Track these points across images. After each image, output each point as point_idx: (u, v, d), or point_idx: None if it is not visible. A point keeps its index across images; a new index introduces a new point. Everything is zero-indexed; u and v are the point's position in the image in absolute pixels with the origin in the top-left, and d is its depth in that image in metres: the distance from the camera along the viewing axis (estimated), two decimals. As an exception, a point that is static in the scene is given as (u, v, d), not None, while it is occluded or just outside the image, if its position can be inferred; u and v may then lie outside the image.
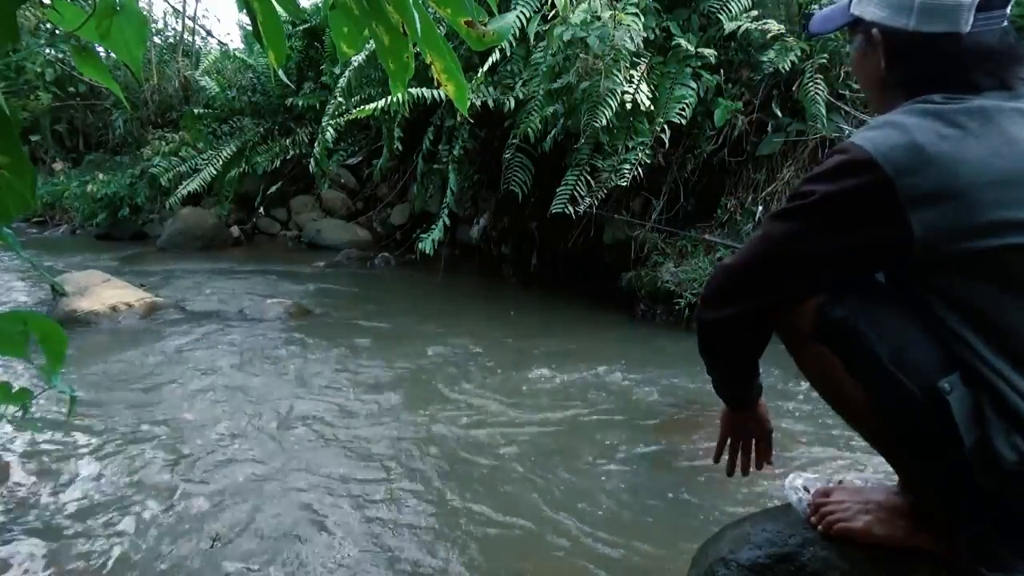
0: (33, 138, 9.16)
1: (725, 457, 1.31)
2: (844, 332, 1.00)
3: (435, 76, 0.95)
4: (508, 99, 4.33)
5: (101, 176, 7.54)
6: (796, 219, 1.00)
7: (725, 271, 1.08)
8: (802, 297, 1.03)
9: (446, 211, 4.87)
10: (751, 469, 1.30)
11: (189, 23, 9.95)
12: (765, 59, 3.99)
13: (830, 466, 2.25)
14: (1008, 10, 0.99)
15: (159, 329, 3.95)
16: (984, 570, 0.99)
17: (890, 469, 1.15)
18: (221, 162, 7.05)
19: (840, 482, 1.29)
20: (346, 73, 5.27)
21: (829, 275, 1.01)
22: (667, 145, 4.12)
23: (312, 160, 5.94)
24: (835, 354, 1.03)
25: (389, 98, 4.46)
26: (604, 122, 3.83)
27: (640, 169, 4.00)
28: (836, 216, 0.96)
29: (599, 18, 3.83)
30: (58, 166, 9.20)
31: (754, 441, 1.28)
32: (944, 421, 0.92)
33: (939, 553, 1.08)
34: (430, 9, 0.91)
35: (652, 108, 3.95)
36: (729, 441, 1.29)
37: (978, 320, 0.93)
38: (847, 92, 4.03)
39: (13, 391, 1.09)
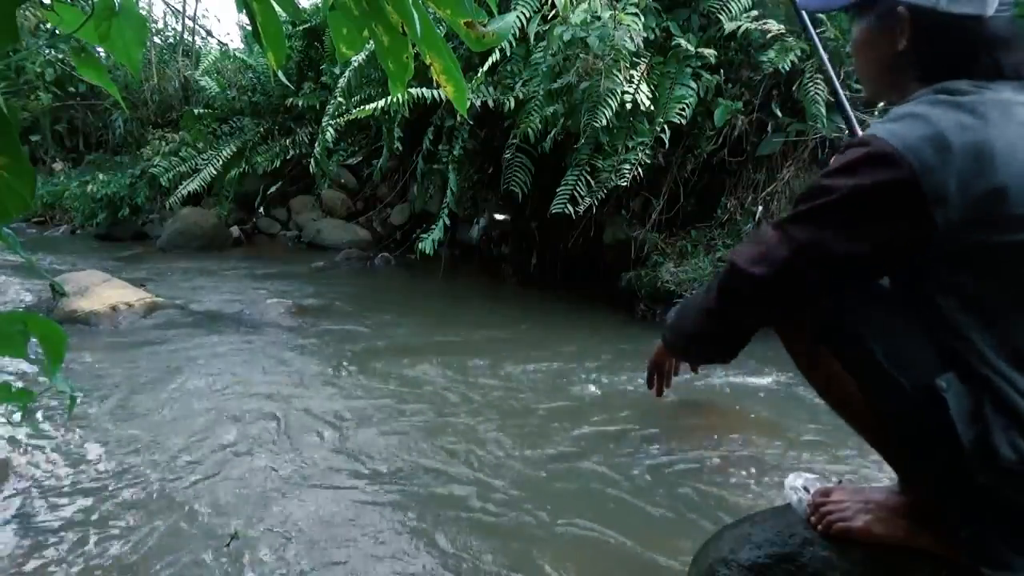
0: (33, 138, 9.15)
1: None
2: (840, 331, 1.01)
3: (434, 77, 0.95)
4: (508, 99, 4.33)
5: (101, 176, 7.53)
6: (821, 220, 0.95)
7: (749, 282, 1.00)
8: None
9: (446, 211, 4.87)
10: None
11: (189, 23, 9.96)
12: (765, 59, 3.99)
13: (830, 466, 2.25)
14: None
15: (159, 329, 3.95)
16: (985, 568, 0.99)
17: (890, 469, 1.15)
18: (221, 162, 7.05)
19: (840, 482, 1.29)
20: (346, 73, 5.27)
21: (859, 276, 0.99)
22: (667, 145, 4.12)
23: (312, 160, 5.94)
24: (832, 353, 1.04)
25: (389, 98, 4.46)
26: (604, 122, 3.83)
27: (640, 169, 4.00)
28: (862, 212, 0.93)
29: (599, 18, 3.83)
30: (58, 166, 9.20)
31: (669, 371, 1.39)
32: (941, 419, 0.92)
33: (939, 552, 1.08)
34: (430, 10, 0.91)
35: (652, 108, 3.95)
36: (655, 369, 1.39)
37: (984, 317, 0.93)
38: (847, 92, 4.03)
39: (13, 391, 1.09)
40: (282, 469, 2.24)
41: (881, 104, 3.19)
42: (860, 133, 1.29)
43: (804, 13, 1.37)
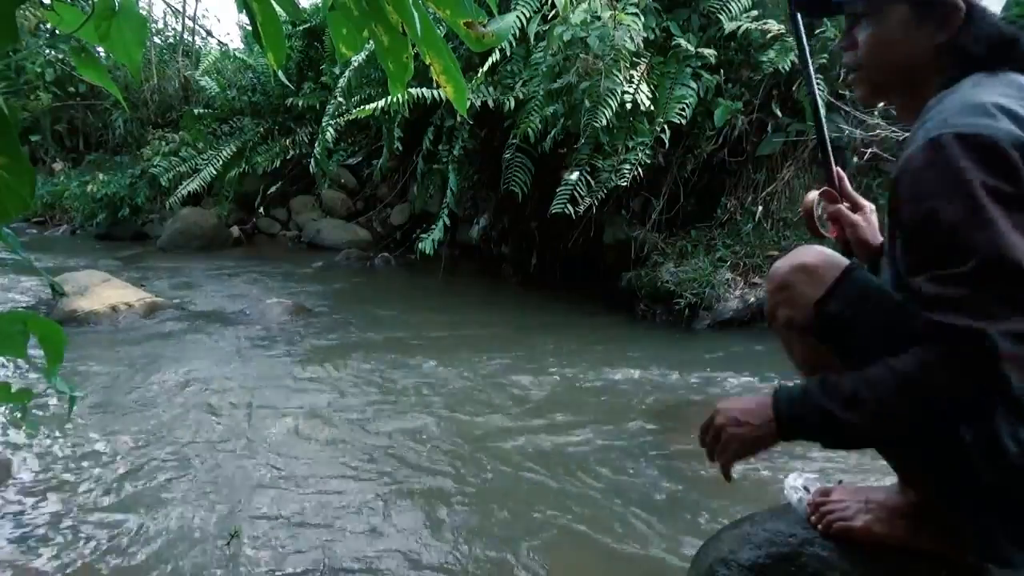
0: (33, 138, 9.16)
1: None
2: (839, 328, 1.00)
3: (434, 77, 0.95)
4: (508, 99, 4.33)
5: (101, 176, 7.54)
6: (990, 223, 0.82)
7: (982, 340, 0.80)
8: None
9: (446, 211, 4.87)
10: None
11: (189, 23, 9.97)
12: (765, 59, 3.99)
13: (830, 466, 2.25)
14: None
15: (159, 329, 3.95)
16: (991, 566, 0.99)
17: (890, 469, 1.15)
18: (221, 162, 7.05)
19: (840, 482, 1.29)
20: (346, 73, 5.27)
21: None
22: (667, 145, 4.12)
23: (312, 160, 5.94)
24: (832, 352, 1.03)
25: (389, 98, 4.46)
26: (604, 122, 3.83)
27: (640, 169, 4.00)
28: (1011, 205, 0.83)
29: (599, 18, 3.83)
30: (58, 166, 9.20)
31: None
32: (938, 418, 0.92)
33: (939, 552, 1.08)
34: (430, 10, 0.91)
35: (652, 108, 3.95)
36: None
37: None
38: (847, 92, 4.04)
39: (13, 391, 1.09)
40: (281, 467, 2.24)
41: (881, 104, 3.18)
42: (830, 148, 1.26)
43: (799, 16, 1.30)
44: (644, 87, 3.90)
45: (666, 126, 3.97)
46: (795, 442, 1.02)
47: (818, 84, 3.85)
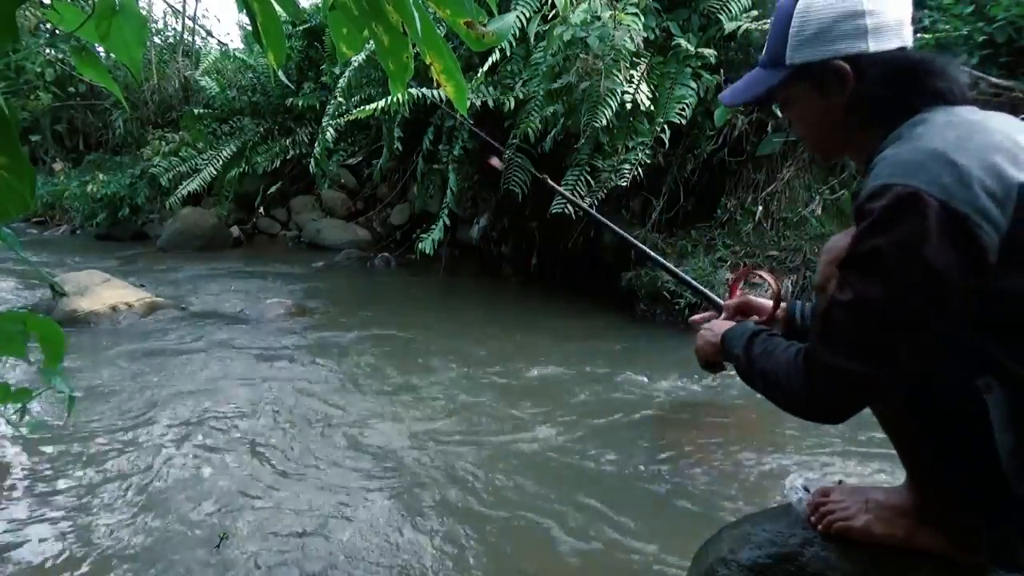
0: (33, 138, 9.16)
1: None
2: None
3: (434, 77, 0.95)
4: (508, 99, 4.33)
5: (101, 176, 7.54)
6: (895, 287, 0.88)
7: (844, 377, 0.91)
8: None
9: (446, 211, 4.88)
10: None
11: (189, 23, 9.97)
12: (765, 59, 3.99)
13: (830, 466, 2.25)
14: None
15: (159, 329, 3.95)
16: (1003, 572, 0.99)
17: (890, 470, 1.15)
18: (221, 162, 7.05)
19: (840, 482, 1.29)
20: (346, 73, 5.28)
21: (942, 327, 0.91)
22: (667, 145, 4.12)
23: (312, 160, 5.94)
24: None
25: (389, 98, 4.46)
26: (604, 122, 3.83)
27: (640, 169, 4.00)
28: (930, 262, 0.86)
29: (599, 18, 3.83)
30: (58, 166, 9.19)
31: None
32: (975, 421, 0.91)
33: (939, 552, 1.08)
34: (430, 10, 0.91)
35: (652, 108, 3.95)
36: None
37: None
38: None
39: (12, 391, 1.09)
40: (275, 468, 2.24)
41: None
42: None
43: None
44: (644, 87, 3.90)
45: (666, 126, 3.97)
46: (796, 442, 1.03)
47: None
